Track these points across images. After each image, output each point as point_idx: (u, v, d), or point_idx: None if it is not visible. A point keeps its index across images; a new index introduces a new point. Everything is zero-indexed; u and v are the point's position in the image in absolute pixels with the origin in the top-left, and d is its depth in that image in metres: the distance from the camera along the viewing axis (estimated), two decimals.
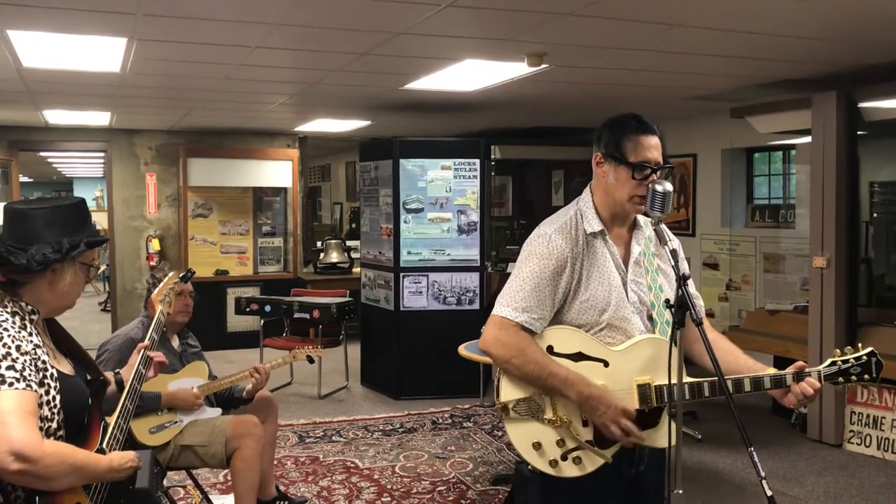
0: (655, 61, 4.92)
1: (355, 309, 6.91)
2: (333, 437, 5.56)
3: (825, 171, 5.38)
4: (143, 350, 2.44)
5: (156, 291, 2.76)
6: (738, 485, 4.65)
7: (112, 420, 2.16)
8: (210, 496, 4.31)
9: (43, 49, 4.48)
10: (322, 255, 9.29)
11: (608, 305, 2.27)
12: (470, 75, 5.30)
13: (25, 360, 1.87)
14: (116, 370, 2.45)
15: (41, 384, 1.91)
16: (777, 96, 5.89)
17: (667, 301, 2.14)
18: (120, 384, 2.38)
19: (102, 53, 4.57)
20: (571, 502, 2.30)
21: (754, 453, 1.93)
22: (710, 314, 7.69)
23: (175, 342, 4.00)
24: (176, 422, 3.72)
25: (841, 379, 2.26)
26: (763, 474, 1.91)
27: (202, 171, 8.86)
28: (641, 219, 2.41)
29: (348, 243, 9.33)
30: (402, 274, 6.57)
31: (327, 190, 15.16)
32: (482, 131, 9.03)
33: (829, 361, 2.27)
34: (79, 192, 23.76)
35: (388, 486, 4.62)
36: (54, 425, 1.94)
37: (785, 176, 7.43)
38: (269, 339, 6.99)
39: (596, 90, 6.05)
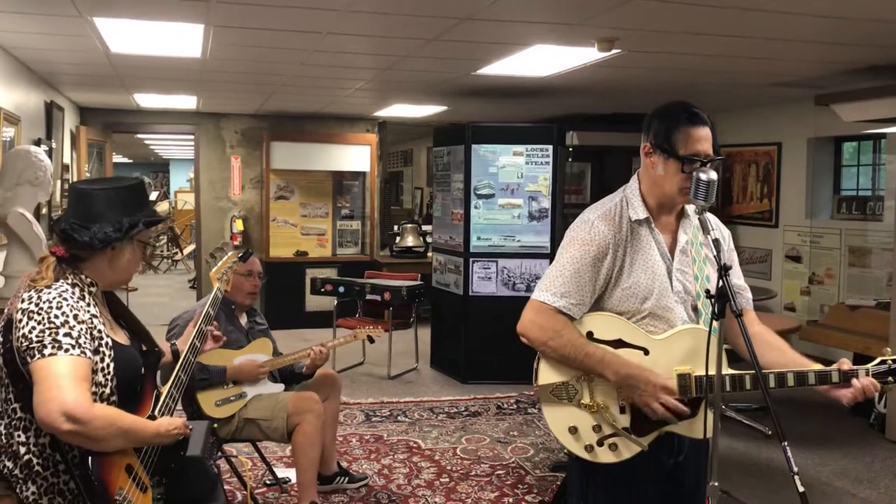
0: (732, 47, 4.79)
1: (426, 292, 6.98)
2: (399, 418, 5.66)
3: None
4: (197, 325, 2.55)
5: (214, 269, 2.87)
6: (806, 483, 4.48)
7: (165, 389, 2.27)
8: (275, 469, 4.45)
9: (128, 35, 4.68)
10: (398, 238, 9.41)
11: (650, 294, 2.25)
12: (541, 61, 5.28)
13: (82, 329, 1.99)
14: (173, 341, 2.57)
15: (96, 352, 2.03)
16: (863, 83, 5.65)
17: (707, 291, 2.11)
18: (176, 354, 2.49)
19: (183, 39, 4.74)
20: (609, 489, 2.30)
21: (787, 448, 1.89)
22: (790, 308, 7.47)
23: (243, 320, 4.13)
24: (241, 395, 3.86)
25: (890, 378, 2.18)
26: (795, 469, 1.87)
27: (284, 154, 9.10)
28: (689, 207, 2.37)
29: (424, 228, 9.41)
30: (471, 259, 6.60)
31: (409, 175, 15.30)
32: (560, 117, 8.96)
33: (878, 360, 2.20)
34: (174, 173, 24.68)
35: (448, 468, 4.68)
36: (108, 391, 2.06)
37: (875, 166, 7.12)
38: (341, 320, 7.14)
39: (672, 76, 5.93)
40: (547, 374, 2.28)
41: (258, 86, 6.84)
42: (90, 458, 1.97)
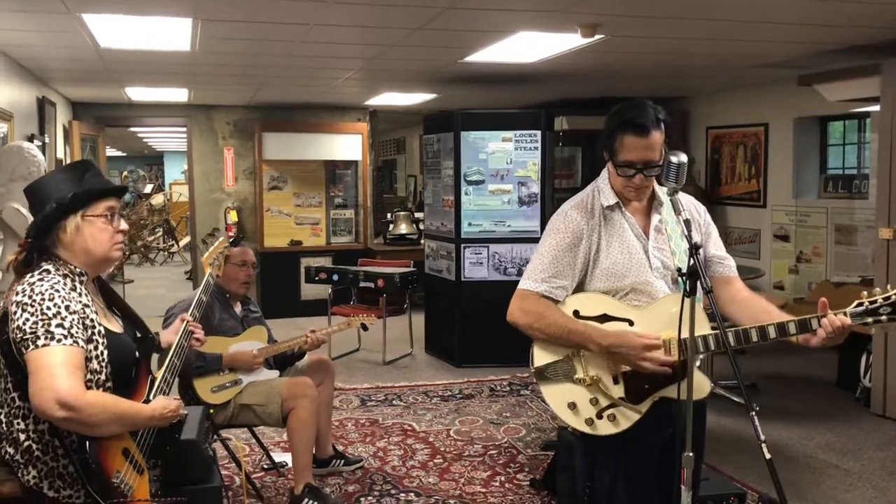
0: (714, 30, 4.85)
1: (418, 279, 7.06)
2: (394, 402, 5.76)
3: (893, 138, 5.22)
4: (185, 322, 2.59)
5: (205, 255, 2.94)
6: (789, 456, 4.63)
7: (159, 374, 2.35)
8: (272, 454, 4.55)
9: (117, 30, 4.73)
10: (391, 226, 9.48)
11: (628, 271, 2.35)
12: (526, 47, 5.34)
13: (73, 319, 2.06)
14: (156, 332, 2.61)
15: (90, 341, 2.10)
16: (846, 63, 5.72)
17: (679, 269, 2.20)
18: (157, 346, 2.53)
19: (172, 33, 4.80)
20: (613, 460, 2.39)
21: (755, 417, 1.97)
22: (780, 287, 7.56)
23: (237, 308, 4.21)
24: (236, 382, 3.95)
25: (870, 319, 2.23)
26: (763, 438, 1.94)
27: (276, 145, 9.16)
28: (660, 189, 2.46)
29: (417, 215, 9.48)
30: (463, 245, 6.68)
31: (402, 163, 15.36)
32: (551, 102, 9.02)
33: (856, 302, 2.25)
34: (168, 165, 24.68)
35: (442, 449, 4.78)
36: (103, 377, 2.13)
37: (860, 145, 7.20)
38: (336, 307, 7.22)
39: (658, 59, 6.00)
40: (541, 356, 2.39)
41: (248, 77, 6.89)
42: (88, 442, 2.05)
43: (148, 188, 19.47)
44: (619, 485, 2.36)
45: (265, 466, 4.50)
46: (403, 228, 9.36)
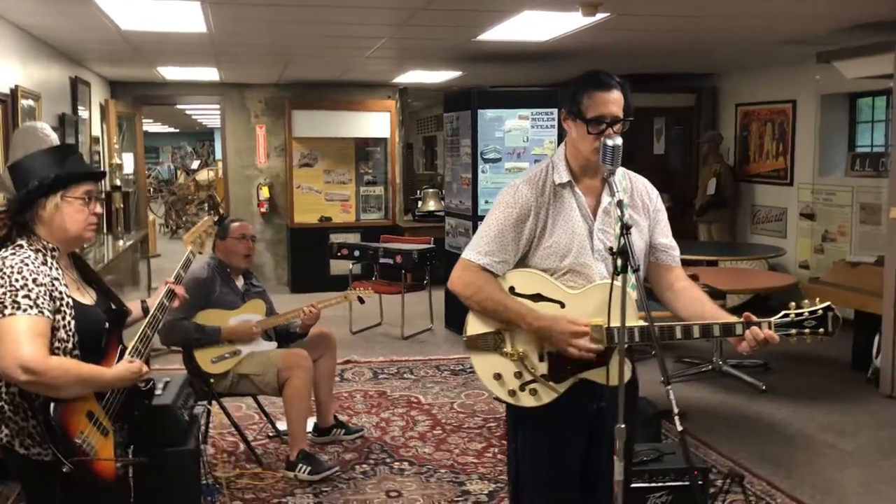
0: (724, 6, 4.81)
1: (437, 255, 7.16)
2: (405, 375, 5.90)
3: None
4: (168, 284, 2.76)
5: (188, 233, 3.08)
6: (789, 435, 4.64)
7: (130, 344, 2.50)
8: (277, 422, 4.73)
9: (133, 13, 4.90)
10: (420, 203, 9.59)
11: (569, 252, 2.41)
12: (534, 26, 5.36)
13: (40, 291, 2.22)
14: (143, 299, 2.79)
15: (57, 311, 2.26)
16: (863, 40, 5.61)
17: (610, 249, 2.26)
18: (146, 311, 2.71)
19: (184, 15, 4.94)
20: (536, 430, 2.49)
21: (671, 391, 2.03)
22: (805, 266, 7.48)
23: (239, 282, 4.37)
24: (235, 352, 4.12)
25: (793, 331, 2.29)
26: (677, 411, 2.01)
27: (306, 122, 9.32)
28: (619, 171, 2.50)
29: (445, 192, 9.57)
30: (479, 222, 6.74)
31: (441, 139, 15.43)
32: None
33: (782, 313, 2.31)
34: (219, 141, 25.17)
35: (443, 420, 4.91)
36: (70, 345, 2.29)
37: (888, 122, 7.04)
38: (356, 283, 7.37)
39: (674, 37, 5.97)
40: (474, 326, 2.47)
41: (271, 56, 7.04)
42: (52, 404, 2.21)
43: (195, 164, 19.91)
44: (542, 450, 2.46)
45: (269, 434, 4.69)
46: (432, 205, 9.47)
